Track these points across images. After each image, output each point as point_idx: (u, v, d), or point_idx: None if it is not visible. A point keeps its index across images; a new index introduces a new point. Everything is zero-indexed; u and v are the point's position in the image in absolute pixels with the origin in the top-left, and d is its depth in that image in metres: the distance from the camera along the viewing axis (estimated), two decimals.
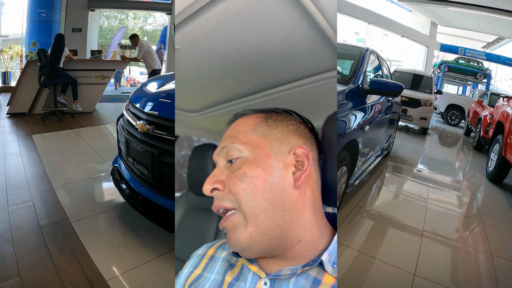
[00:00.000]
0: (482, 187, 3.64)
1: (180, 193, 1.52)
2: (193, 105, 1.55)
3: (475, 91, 8.94)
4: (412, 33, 13.21)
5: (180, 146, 1.70)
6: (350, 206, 2.48)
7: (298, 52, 1.07)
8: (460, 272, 1.87)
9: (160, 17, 15.10)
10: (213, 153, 0.64)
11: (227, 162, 0.60)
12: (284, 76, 1.20)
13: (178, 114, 1.63)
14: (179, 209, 1.42)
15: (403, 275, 1.71)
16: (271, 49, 1.09)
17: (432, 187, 3.30)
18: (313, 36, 0.99)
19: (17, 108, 4.46)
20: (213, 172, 0.61)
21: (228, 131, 0.65)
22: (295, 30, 0.99)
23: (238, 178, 0.56)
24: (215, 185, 0.58)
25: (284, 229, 0.56)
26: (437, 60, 13.85)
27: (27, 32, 7.94)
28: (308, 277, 0.55)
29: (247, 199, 0.55)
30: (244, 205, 0.55)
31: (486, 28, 12.45)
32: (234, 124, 0.66)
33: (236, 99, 1.40)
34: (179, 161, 1.63)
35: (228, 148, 0.60)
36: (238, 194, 0.56)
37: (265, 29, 1.01)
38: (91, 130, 3.98)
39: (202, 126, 1.72)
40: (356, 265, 1.76)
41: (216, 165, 0.63)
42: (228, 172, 0.59)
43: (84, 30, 7.74)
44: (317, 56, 1.07)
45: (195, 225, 1.34)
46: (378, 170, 3.53)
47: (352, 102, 2.08)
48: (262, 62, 1.16)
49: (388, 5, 13.11)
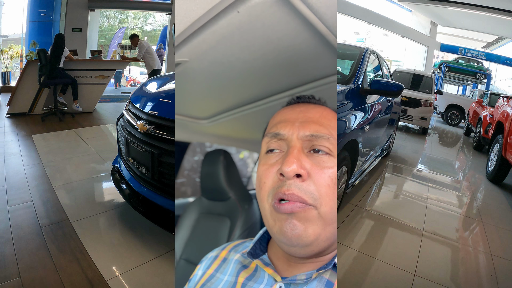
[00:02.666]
0: (482, 187, 3.64)
1: (194, 198, 1.55)
2: (204, 113, 1.59)
3: (475, 91, 8.95)
4: (412, 33, 13.21)
5: (193, 152, 1.73)
6: (350, 206, 2.48)
7: (301, 58, 1.12)
8: (460, 272, 1.87)
9: (160, 17, 15.11)
10: (263, 137, 0.58)
11: (309, 150, 0.54)
12: (288, 82, 1.25)
13: (187, 120, 1.67)
14: (192, 213, 1.44)
15: (403, 275, 1.72)
16: (275, 57, 1.13)
17: (432, 187, 3.30)
18: (314, 43, 1.03)
19: (17, 108, 4.46)
20: (293, 153, 0.53)
21: (311, 114, 0.58)
22: (297, 38, 1.03)
23: (332, 180, 0.52)
24: (301, 171, 0.52)
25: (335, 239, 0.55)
26: (437, 60, 13.85)
27: (27, 32, 7.94)
28: (322, 279, 0.54)
29: (333, 205, 0.52)
30: (328, 209, 0.52)
31: (486, 28, 12.45)
32: (318, 110, 0.60)
33: (243, 106, 1.45)
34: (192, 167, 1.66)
35: (322, 139, 0.54)
36: (328, 196, 0.52)
37: (268, 39, 1.05)
38: (91, 130, 3.98)
39: (212, 132, 1.76)
40: (356, 265, 1.76)
41: (289, 146, 0.55)
42: (313, 163, 0.53)
43: (84, 30, 7.74)
44: (318, 62, 1.11)
45: (208, 229, 1.36)
46: (378, 170, 3.53)
47: (352, 102, 2.08)
48: (267, 70, 1.21)
49: (388, 5, 13.12)
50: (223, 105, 1.49)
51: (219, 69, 1.26)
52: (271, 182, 0.54)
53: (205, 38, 1.09)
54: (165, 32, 9.59)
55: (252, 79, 1.29)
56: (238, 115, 1.51)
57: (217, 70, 1.28)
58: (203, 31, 1.06)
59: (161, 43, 9.71)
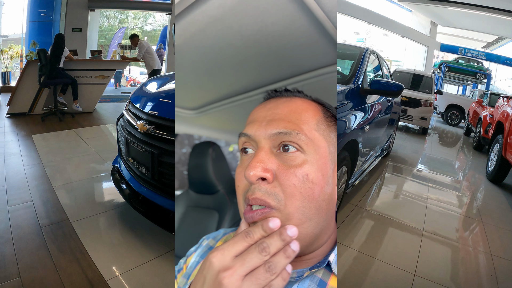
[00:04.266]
0: (482, 187, 3.64)
1: (181, 191, 1.53)
2: (191, 103, 1.53)
3: (475, 91, 8.95)
4: (412, 33, 13.21)
5: (181, 144, 1.69)
6: (350, 206, 2.48)
7: (297, 46, 1.04)
8: (460, 272, 1.87)
9: (160, 17, 15.11)
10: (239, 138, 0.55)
11: (278, 149, 0.51)
12: (283, 72, 1.17)
13: (177, 112, 1.62)
14: (179, 207, 1.42)
15: (403, 275, 1.71)
16: (269, 44, 1.05)
17: (432, 187, 3.30)
18: (311, 30, 0.96)
19: (17, 108, 4.46)
20: (258, 156, 0.50)
21: (279, 110, 0.54)
22: (293, 23, 0.96)
23: (298, 179, 0.48)
24: (264, 174, 0.48)
25: (318, 237, 0.53)
26: (437, 60, 13.85)
27: (27, 32, 7.94)
28: (314, 278, 0.52)
29: (300, 205, 0.48)
30: (293, 210, 0.48)
31: (486, 28, 12.45)
32: (287, 104, 0.55)
33: (234, 96, 1.38)
34: (180, 159, 1.63)
35: (290, 136, 0.50)
36: (293, 197, 0.48)
37: (262, 23, 0.98)
38: (91, 130, 3.98)
39: (200, 123, 1.70)
40: (356, 265, 1.75)
41: (257, 146, 0.52)
42: (280, 163, 0.50)
43: (84, 30, 7.74)
44: (316, 50, 1.04)
45: (196, 223, 1.34)
46: (378, 170, 3.53)
47: (352, 102, 2.08)
48: (260, 58, 1.12)
49: (388, 5, 13.11)
50: (211, 95, 1.41)
51: (208, 55, 1.16)
52: (243, 186, 0.52)
53: (193, 19, 0.99)
54: (165, 32, 9.59)
55: (243, 67, 1.18)
56: (228, 106, 1.42)
57: (205, 56, 1.17)
58: (192, 11, 0.97)
59: (161, 43, 9.71)
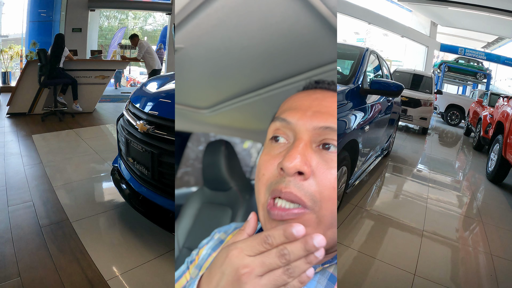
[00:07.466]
0: (482, 187, 3.64)
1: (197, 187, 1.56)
2: (204, 102, 1.56)
3: (475, 91, 8.95)
4: (412, 33, 13.22)
5: (197, 142, 1.73)
6: (350, 206, 2.48)
7: (302, 43, 1.04)
8: (460, 272, 1.87)
9: (160, 17, 15.12)
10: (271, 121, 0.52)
11: (318, 146, 0.48)
12: (290, 69, 1.17)
13: (187, 110, 1.63)
14: (195, 203, 1.46)
15: (403, 275, 1.71)
16: (274, 43, 1.06)
17: (432, 187, 3.30)
18: (315, 26, 0.96)
19: (17, 108, 4.46)
20: (298, 147, 0.47)
21: (328, 103, 0.51)
22: (297, 21, 0.96)
23: (335, 180, 0.46)
24: (305, 168, 0.45)
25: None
26: (437, 60, 13.85)
27: (27, 32, 7.94)
28: (325, 273, 0.52)
29: (334, 210, 0.46)
30: (327, 214, 0.46)
31: (486, 28, 12.45)
32: (333, 99, 0.52)
33: (244, 94, 1.40)
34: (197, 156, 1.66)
35: (333, 133, 0.47)
36: (330, 200, 0.46)
37: (266, 22, 0.98)
38: (91, 130, 3.98)
39: (214, 122, 1.72)
40: (356, 265, 1.75)
41: (295, 137, 0.49)
42: (320, 161, 0.47)
43: (84, 30, 7.74)
44: (320, 47, 1.04)
45: (210, 218, 1.38)
46: (378, 170, 3.53)
47: (352, 102, 2.08)
48: (266, 56, 1.13)
49: (388, 5, 13.12)
50: (222, 94, 1.44)
51: (215, 56, 1.18)
52: (270, 175, 0.49)
53: (199, 22, 1.02)
54: (165, 32, 9.59)
55: (250, 66, 1.20)
56: (239, 104, 1.45)
57: (214, 57, 1.19)
58: (197, 15, 0.99)
59: (161, 43, 9.71)
